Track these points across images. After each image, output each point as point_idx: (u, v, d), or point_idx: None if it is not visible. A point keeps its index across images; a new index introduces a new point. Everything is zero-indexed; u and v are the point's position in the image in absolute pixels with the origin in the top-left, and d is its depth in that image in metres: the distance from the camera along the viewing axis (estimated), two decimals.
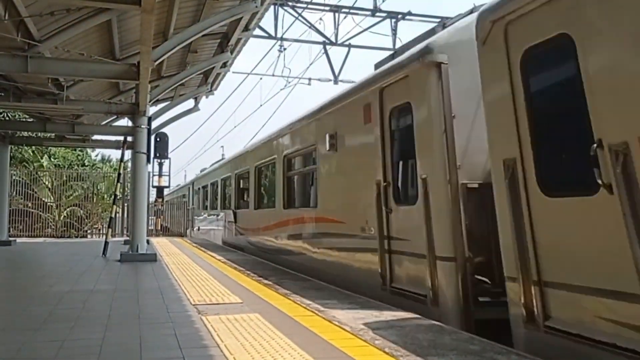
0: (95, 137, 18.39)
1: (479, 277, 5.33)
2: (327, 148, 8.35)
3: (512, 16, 4.28)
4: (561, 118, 4.08)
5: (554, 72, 4.14)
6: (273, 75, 20.70)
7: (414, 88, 6.06)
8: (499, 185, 4.41)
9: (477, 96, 4.99)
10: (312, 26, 18.24)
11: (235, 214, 15.63)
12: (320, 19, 18.51)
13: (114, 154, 33.09)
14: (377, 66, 7.80)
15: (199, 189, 24.58)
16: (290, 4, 17.47)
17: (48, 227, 22.92)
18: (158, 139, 23.30)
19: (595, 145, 3.46)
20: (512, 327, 4.36)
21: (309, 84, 21.15)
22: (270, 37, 17.83)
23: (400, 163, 6.59)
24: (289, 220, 10.58)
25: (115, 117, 16.87)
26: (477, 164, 5.53)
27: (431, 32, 6.80)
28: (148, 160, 12.81)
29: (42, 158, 26.60)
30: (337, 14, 17.94)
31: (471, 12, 6.18)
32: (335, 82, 19.47)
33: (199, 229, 23.69)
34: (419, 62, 5.93)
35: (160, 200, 29.99)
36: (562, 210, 3.86)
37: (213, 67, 14.84)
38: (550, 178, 4.03)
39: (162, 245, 16.62)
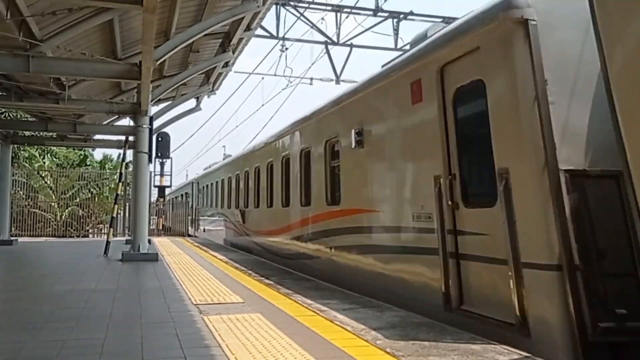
0: (97, 136, 18.41)
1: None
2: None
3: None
4: None
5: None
6: (275, 75, 20.71)
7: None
8: None
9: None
10: (314, 26, 18.24)
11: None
12: (322, 18, 18.56)
13: (115, 153, 33.16)
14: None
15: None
16: (292, 3, 17.46)
17: (49, 227, 22.95)
18: (160, 139, 23.37)
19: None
20: None
21: (311, 84, 21.13)
22: (272, 36, 17.82)
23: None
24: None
25: (116, 116, 16.88)
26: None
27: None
28: (150, 160, 12.82)
29: (43, 158, 26.63)
30: (339, 14, 17.93)
31: None
32: (337, 82, 19.46)
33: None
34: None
35: (161, 199, 30.03)
36: None
37: (215, 67, 14.84)
38: None
39: (164, 244, 16.63)
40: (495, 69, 4.69)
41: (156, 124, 17.23)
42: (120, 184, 15.50)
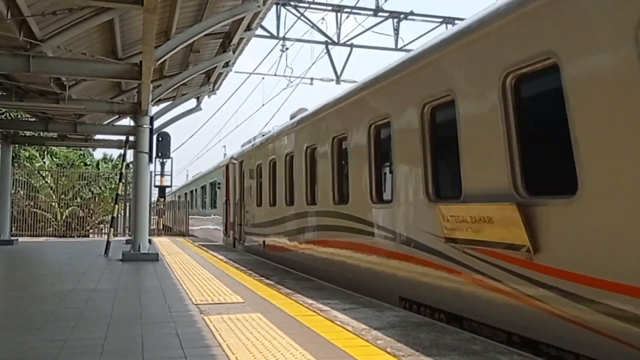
0: (97, 136, 18.43)
1: None
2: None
3: None
4: None
5: None
6: (275, 74, 20.75)
7: None
8: None
9: None
10: (314, 26, 18.26)
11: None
12: (323, 18, 18.64)
13: (115, 153, 33.19)
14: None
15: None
16: (292, 3, 17.48)
17: (50, 227, 22.96)
18: (160, 139, 23.40)
19: None
20: None
21: (311, 84, 21.15)
22: (272, 36, 17.84)
23: None
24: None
25: (117, 116, 16.89)
26: None
27: None
28: (150, 160, 12.82)
29: (43, 157, 26.65)
30: (339, 14, 17.95)
31: None
32: (338, 82, 19.49)
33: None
34: None
35: (162, 199, 30.04)
36: None
37: (215, 67, 14.85)
38: None
39: (164, 244, 16.63)
40: None
41: (156, 123, 17.26)
42: (121, 184, 15.51)
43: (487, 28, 5.09)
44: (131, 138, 14.30)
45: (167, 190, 32.32)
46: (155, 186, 28.13)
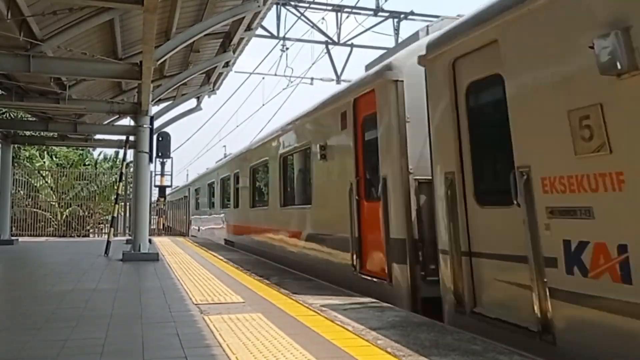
0: (98, 136, 18.42)
1: None
2: None
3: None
4: None
5: None
6: (275, 74, 20.80)
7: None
8: None
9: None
10: (314, 26, 18.28)
11: None
12: (323, 18, 18.75)
13: (115, 154, 33.19)
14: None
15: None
16: (292, 3, 17.48)
17: (50, 227, 22.96)
18: (160, 139, 23.40)
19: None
20: None
21: (311, 84, 21.18)
22: (272, 36, 17.85)
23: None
24: None
25: (117, 116, 16.89)
26: None
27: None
28: (150, 160, 12.82)
29: (43, 157, 26.66)
30: (339, 14, 17.96)
31: None
32: (338, 81, 19.49)
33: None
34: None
35: (162, 199, 30.08)
36: None
37: (215, 67, 14.84)
38: None
39: (164, 244, 16.63)
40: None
41: (157, 123, 17.26)
42: (121, 183, 15.50)
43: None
44: (131, 138, 14.29)
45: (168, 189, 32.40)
46: (156, 186, 28.19)
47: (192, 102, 18.92)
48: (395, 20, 18.39)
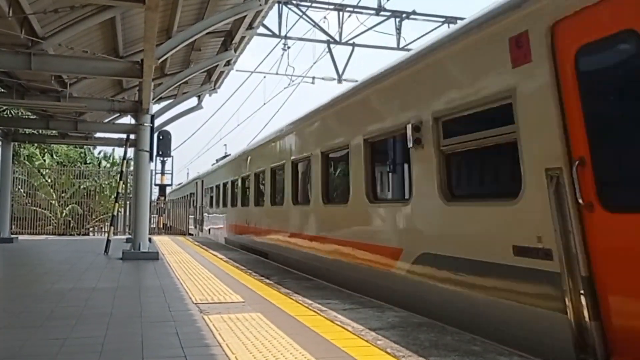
0: (98, 134, 18.41)
1: None
2: None
3: None
4: None
5: None
6: (277, 73, 20.75)
7: None
8: None
9: None
10: (316, 25, 18.25)
11: None
12: (325, 17, 18.59)
13: (116, 152, 33.20)
14: None
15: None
16: (294, 2, 17.47)
17: (50, 225, 22.96)
18: (161, 137, 23.41)
19: None
20: None
21: (313, 83, 21.17)
22: (274, 35, 17.84)
23: None
24: None
25: (118, 114, 16.87)
26: None
27: None
28: (151, 158, 12.81)
29: (43, 156, 26.67)
30: (341, 13, 17.94)
31: None
32: (339, 81, 19.49)
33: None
34: None
35: (162, 198, 30.09)
36: None
37: (216, 65, 14.84)
38: None
39: (164, 243, 16.63)
40: None
41: (157, 122, 17.25)
42: (121, 182, 15.50)
43: None
44: (132, 136, 14.29)
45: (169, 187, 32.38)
46: (156, 184, 28.20)
47: (193, 101, 18.95)
48: (397, 19, 18.38)
